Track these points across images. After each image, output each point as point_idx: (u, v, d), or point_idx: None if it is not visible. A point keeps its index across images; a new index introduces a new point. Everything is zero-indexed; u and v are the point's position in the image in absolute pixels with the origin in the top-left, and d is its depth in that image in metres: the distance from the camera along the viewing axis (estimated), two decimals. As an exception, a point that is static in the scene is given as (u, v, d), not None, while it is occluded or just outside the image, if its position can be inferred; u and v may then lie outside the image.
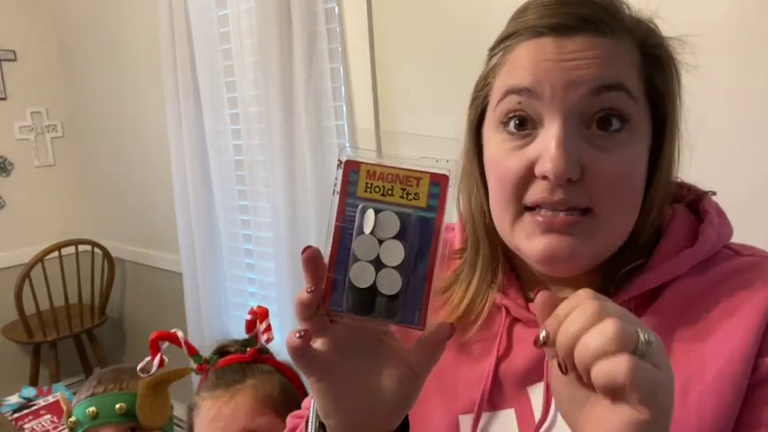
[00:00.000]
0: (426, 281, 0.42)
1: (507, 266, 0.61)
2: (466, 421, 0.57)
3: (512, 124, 0.53)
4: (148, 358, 1.10)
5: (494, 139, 0.55)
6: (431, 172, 0.42)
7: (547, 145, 0.50)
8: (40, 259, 2.84)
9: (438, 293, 0.53)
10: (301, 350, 0.43)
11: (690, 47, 0.56)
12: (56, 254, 2.91)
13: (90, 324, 3.02)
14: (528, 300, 0.60)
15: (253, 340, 1.20)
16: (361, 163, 0.43)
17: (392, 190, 0.42)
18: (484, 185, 0.59)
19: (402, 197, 0.42)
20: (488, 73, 0.57)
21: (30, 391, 1.99)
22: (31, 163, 3.19)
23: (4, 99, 3.08)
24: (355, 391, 0.45)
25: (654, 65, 0.53)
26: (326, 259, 0.42)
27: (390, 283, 0.41)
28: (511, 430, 0.56)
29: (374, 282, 0.41)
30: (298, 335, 0.42)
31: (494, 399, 0.57)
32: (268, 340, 1.17)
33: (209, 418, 1.07)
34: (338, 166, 0.43)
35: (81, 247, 3.01)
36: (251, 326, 1.18)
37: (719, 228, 0.56)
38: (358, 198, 0.42)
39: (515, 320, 0.59)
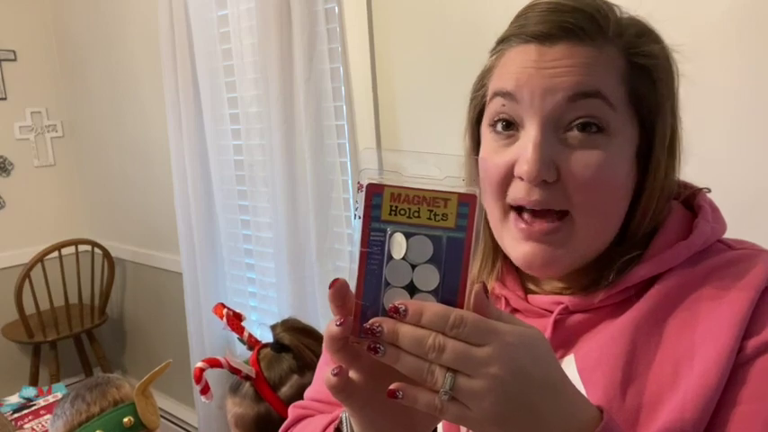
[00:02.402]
0: (458, 301, 0.41)
1: (506, 257, 0.63)
2: None
3: (499, 125, 0.56)
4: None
5: (486, 137, 0.59)
6: (459, 192, 0.41)
7: (524, 148, 0.53)
8: (40, 259, 2.84)
9: None
10: (340, 387, 0.43)
11: (683, 52, 0.57)
12: (56, 254, 2.91)
13: (90, 324, 3.02)
14: (526, 291, 0.62)
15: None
16: (385, 186, 0.41)
17: (418, 212, 0.41)
18: None
19: (429, 218, 0.41)
20: (484, 74, 0.60)
21: (30, 391, 1.99)
22: (31, 163, 3.19)
23: (4, 99, 3.08)
24: (392, 415, 0.46)
25: (639, 73, 0.54)
26: (352, 286, 0.41)
27: None
28: None
29: None
30: (333, 373, 0.42)
31: None
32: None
33: None
34: (358, 189, 0.42)
35: (81, 247, 3.01)
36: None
37: (713, 223, 0.58)
38: (382, 221, 0.41)
39: (515, 311, 0.62)
